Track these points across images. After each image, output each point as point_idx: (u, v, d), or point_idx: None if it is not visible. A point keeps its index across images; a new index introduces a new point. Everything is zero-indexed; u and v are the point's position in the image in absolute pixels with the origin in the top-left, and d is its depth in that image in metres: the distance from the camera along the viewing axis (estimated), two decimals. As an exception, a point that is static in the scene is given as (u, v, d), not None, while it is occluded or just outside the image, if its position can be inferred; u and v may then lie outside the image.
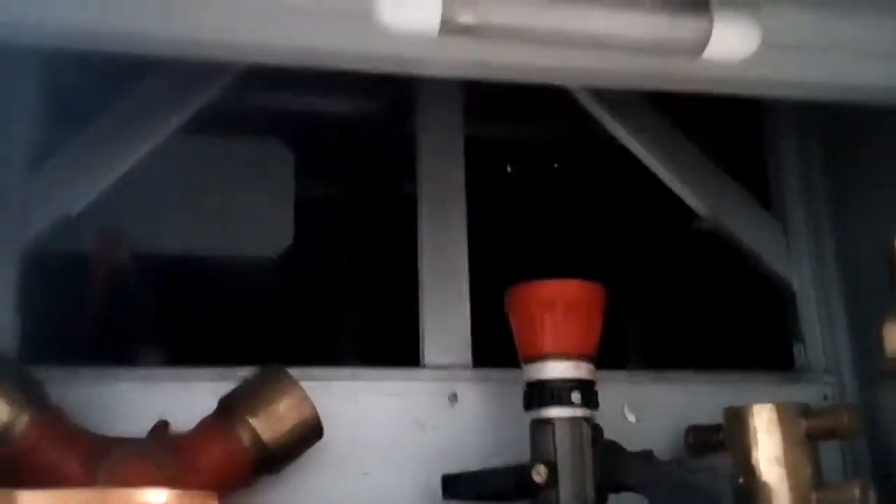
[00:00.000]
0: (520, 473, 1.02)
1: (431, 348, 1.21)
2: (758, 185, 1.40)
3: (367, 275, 1.32)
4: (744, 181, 1.38)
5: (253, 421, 0.99)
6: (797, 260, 1.36)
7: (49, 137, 1.14)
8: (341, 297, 1.31)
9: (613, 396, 1.15)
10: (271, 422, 1.00)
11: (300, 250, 1.32)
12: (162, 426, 1.00)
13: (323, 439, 1.05)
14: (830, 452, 1.15)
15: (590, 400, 1.05)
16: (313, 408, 1.02)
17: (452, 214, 1.27)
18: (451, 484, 1.08)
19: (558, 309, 1.06)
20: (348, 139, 1.36)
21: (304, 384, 1.02)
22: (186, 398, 1.04)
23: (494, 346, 1.14)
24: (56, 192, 1.14)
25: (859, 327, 1.29)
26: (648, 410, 1.21)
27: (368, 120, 1.42)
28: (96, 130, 1.18)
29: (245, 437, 0.99)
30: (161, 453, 0.96)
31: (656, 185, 1.35)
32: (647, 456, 1.04)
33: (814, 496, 1.02)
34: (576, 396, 1.04)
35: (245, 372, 1.04)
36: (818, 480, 1.04)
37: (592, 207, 1.40)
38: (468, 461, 1.10)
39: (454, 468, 1.09)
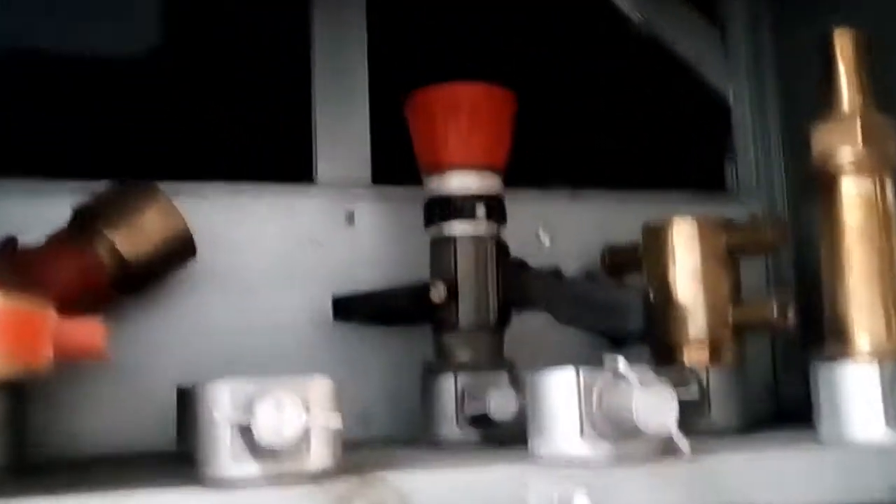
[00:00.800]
0: (416, 292, 0.94)
1: (325, 163, 1.10)
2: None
3: (251, 78, 1.17)
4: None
5: (111, 234, 0.88)
6: (734, 71, 1.27)
7: None
8: (222, 104, 1.17)
9: (527, 217, 1.08)
10: (133, 235, 0.89)
11: (172, 49, 1.17)
12: (9, 242, 0.89)
13: (202, 260, 0.95)
14: (755, 269, 1.09)
15: (495, 215, 0.95)
16: (183, 220, 0.91)
17: (350, 11, 1.13)
18: (342, 305, 1.00)
19: (462, 115, 0.95)
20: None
21: (179, 200, 0.91)
22: (39, 214, 0.92)
23: (397, 165, 1.03)
24: None
25: (794, 145, 1.22)
26: (565, 231, 1.13)
27: None
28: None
29: (102, 252, 0.88)
30: (6, 269, 0.86)
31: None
32: (553, 273, 0.96)
33: (730, 312, 0.96)
34: (480, 211, 0.94)
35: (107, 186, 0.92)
36: (736, 297, 0.97)
37: (510, 5, 1.26)
38: (365, 284, 1.02)
39: (350, 291, 1.02)
